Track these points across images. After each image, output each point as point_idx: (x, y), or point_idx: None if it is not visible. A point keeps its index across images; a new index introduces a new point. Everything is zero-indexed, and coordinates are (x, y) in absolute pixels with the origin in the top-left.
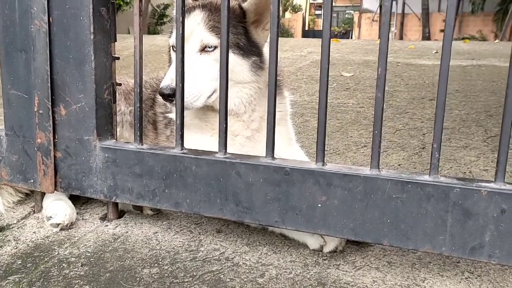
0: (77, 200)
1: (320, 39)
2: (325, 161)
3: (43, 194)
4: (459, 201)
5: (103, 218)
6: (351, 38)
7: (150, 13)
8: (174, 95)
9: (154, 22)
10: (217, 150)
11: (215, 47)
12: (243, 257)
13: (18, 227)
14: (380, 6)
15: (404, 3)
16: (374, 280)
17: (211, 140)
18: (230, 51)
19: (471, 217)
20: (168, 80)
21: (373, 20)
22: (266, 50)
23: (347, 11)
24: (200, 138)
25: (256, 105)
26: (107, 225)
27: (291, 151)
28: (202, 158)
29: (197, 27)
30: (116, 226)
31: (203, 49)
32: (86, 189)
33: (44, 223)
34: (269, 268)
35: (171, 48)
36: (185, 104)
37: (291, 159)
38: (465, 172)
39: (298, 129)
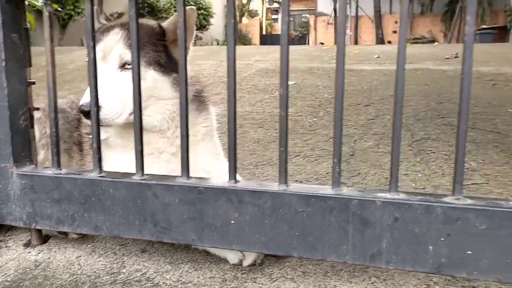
0: (2, 227)
1: (270, 46)
2: (236, 179)
3: None
4: (358, 212)
5: (27, 244)
6: (308, 42)
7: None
8: None
9: None
10: (145, 170)
11: None
12: (164, 276)
13: None
14: (335, 10)
15: (357, 6)
16: None
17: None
18: (151, 68)
19: (369, 226)
20: (88, 97)
21: (328, 23)
22: (188, 67)
23: (303, 15)
24: (124, 157)
25: (179, 121)
26: (30, 252)
27: (219, 166)
28: (119, 181)
29: (116, 44)
30: (39, 252)
31: (123, 65)
32: (6, 217)
33: None
34: (188, 286)
35: None
36: (107, 120)
37: (207, 177)
38: (386, 177)
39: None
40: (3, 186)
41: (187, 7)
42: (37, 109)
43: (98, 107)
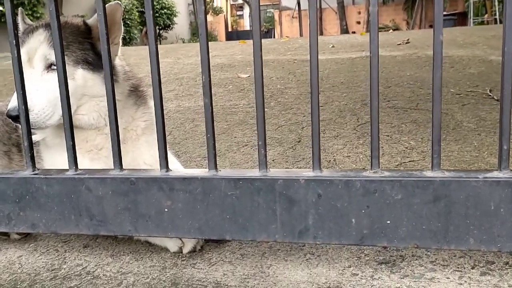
0: None
1: (227, 42)
2: (168, 167)
3: None
4: (283, 191)
5: None
6: (273, 36)
7: None
8: None
9: None
10: (86, 167)
11: None
12: (105, 268)
13: None
14: (298, 3)
15: None
16: (224, 273)
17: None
18: (79, 66)
19: (295, 204)
20: (15, 101)
21: (292, 17)
22: (118, 63)
23: (267, 10)
24: (64, 156)
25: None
26: None
27: (169, 160)
28: (53, 177)
29: (40, 45)
30: None
31: (49, 66)
32: None
33: None
34: (127, 276)
35: None
36: (38, 123)
37: (140, 169)
38: (329, 161)
39: (187, 135)
40: None
41: (113, 2)
42: None
43: (26, 103)
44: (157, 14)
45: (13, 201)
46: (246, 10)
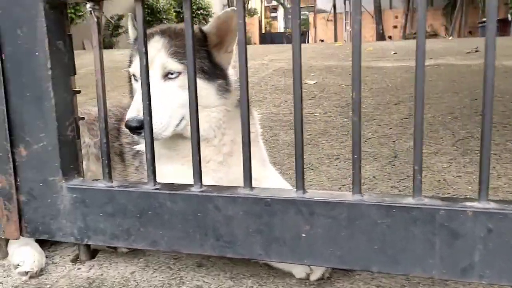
0: (45, 241)
1: (278, 45)
2: (305, 188)
3: (7, 240)
4: (445, 223)
5: (75, 260)
6: (308, 39)
7: (104, 25)
8: (141, 127)
9: (109, 34)
10: (189, 181)
11: (179, 73)
12: None
13: None
14: (334, 6)
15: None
16: None
17: (182, 169)
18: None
19: (459, 238)
20: (134, 112)
21: (328, 20)
22: (231, 72)
23: (302, 12)
24: (171, 168)
25: (225, 128)
26: (80, 268)
27: (266, 173)
28: (177, 193)
29: (158, 53)
30: (90, 268)
31: (166, 75)
32: (55, 233)
33: (11, 271)
34: None
35: (132, 77)
36: (155, 135)
37: (270, 187)
38: (439, 180)
39: (269, 144)
40: (52, 201)
41: (228, 9)
42: (82, 118)
43: (150, 116)
44: (194, 15)
45: (133, 216)
46: (280, 12)
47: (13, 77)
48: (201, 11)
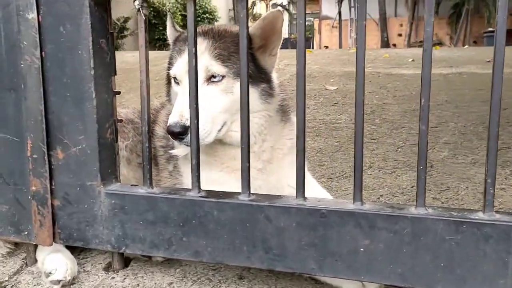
0: (74, 248)
1: (291, 50)
2: (363, 200)
3: (36, 245)
4: None
5: (107, 268)
6: (312, 45)
7: None
8: (184, 133)
9: (115, 36)
10: (227, 188)
11: (222, 77)
12: None
13: (12, 285)
14: (339, 13)
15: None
16: None
17: (220, 176)
18: (238, 79)
19: None
20: (177, 116)
21: (333, 26)
22: (274, 76)
23: (307, 19)
24: (210, 175)
25: (266, 134)
26: (113, 277)
27: (306, 181)
28: (225, 201)
29: (201, 56)
30: (125, 278)
31: (209, 79)
32: (91, 240)
33: (41, 279)
34: None
35: (172, 79)
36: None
37: (321, 197)
38: (482, 192)
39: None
40: (89, 206)
41: (274, 9)
42: (121, 121)
43: (198, 119)
44: (199, 18)
45: (176, 225)
46: (285, 17)
47: (53, 76)
48: (207, 15)
